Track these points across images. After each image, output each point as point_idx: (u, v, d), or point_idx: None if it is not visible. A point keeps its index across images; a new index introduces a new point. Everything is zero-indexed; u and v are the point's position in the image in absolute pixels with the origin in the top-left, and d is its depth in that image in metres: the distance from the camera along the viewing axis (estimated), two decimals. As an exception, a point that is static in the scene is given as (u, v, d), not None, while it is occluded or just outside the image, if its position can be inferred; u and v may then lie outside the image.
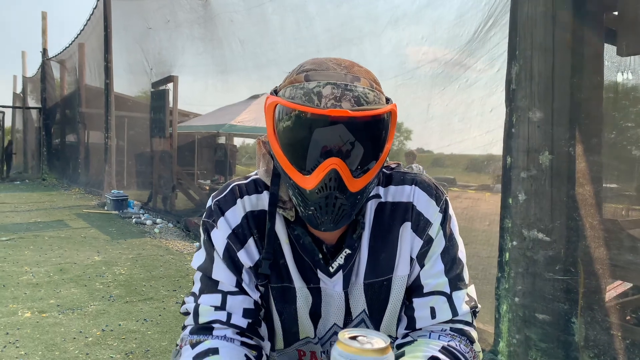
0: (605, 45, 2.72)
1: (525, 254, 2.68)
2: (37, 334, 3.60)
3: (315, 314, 0.98)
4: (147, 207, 10.60)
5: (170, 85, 9.53)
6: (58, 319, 3.93)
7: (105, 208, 10.74)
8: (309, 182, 0.81)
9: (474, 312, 0.96)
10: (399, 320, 1.00)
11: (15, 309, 4.12)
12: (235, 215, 0.96)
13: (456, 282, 0.95)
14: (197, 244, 1.05)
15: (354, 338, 0.63)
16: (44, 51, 19.47)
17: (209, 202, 1.00)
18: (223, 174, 11.16)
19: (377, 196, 0.97)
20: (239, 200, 0.97)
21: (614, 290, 3.03)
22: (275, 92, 0.88)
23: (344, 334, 0.64)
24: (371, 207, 0.97)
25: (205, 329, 0.92)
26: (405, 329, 0.97)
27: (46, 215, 9.77)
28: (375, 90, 0.83)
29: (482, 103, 4.57)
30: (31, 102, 23.93)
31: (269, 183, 0.95)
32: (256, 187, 0.99)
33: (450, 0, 4.44)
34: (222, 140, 12.59)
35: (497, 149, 5.02)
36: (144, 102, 11.65)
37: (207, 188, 10.99)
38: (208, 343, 0.90)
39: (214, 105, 11.24)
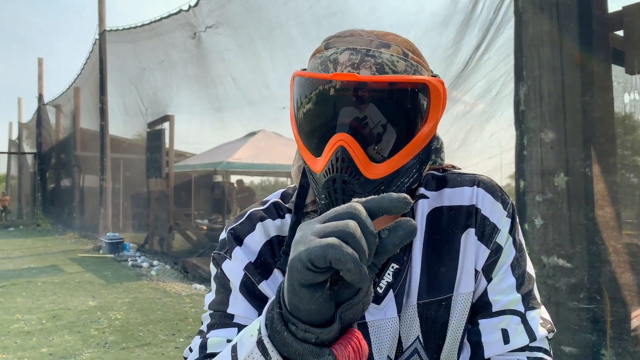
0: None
1: (546, 282, 2.53)
2: (27, 386, 3.38)
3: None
4: (143, 249, 10.38)
5: (166, 125, 9.48)
6: (50, 369, 3.71)
7: (101, 252, 10.51)
8: (319, 163, 0.68)
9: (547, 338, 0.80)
10: (461, 348, 0.81)
11: (5, 359, 3.89)
12: (254, 242, 0.80)
13: (529, 300, 0.80)
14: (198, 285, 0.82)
15: None
16: (40, 97, 19.58)
17: (223, 234, 0.84)
18: (221, 212, 10.98)
19: (423, 196, 0.82)
20: (259, 225, 0.82)
21: (637, 318, 2.87)
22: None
23: None
24: (422, 212, 0.81)
25: (216, 355, 0.73)
26: (470, 359, 0.79)
27: (40, 260, 9.53)
28: (410, 60, 0.70)
29: (481, 128, 4.51)
30: (27, 148, 23.90)
31: (297, 181, 0.82)
32: (277, 211, 0.84)
33: (447, 27, 4.42)
34: (219, 178, 12.48)
35: (499, 176, 4.95)
36: (140, 144, 11.60)
37: (205, 228, 10.79)
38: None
39: (210, 144, 11.20)
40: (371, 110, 0.66)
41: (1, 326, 4.84)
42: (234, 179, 13.16)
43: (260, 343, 0.51)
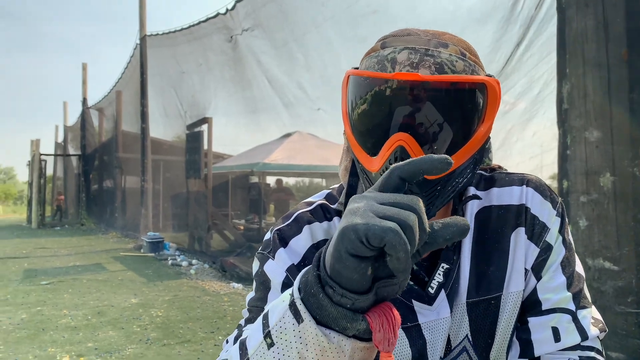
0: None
1: (591, 285, 2.46)
2: (74, 379, 3.51)
3: None
4: (182, 248, 10.62)
5: (204, 127, 9.67)
6: (96, 363, 3.84)
7: (142, 251, 10.80)
8: (375, 163, 0.67)
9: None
10: (509, 346, 0.81)
11: (54, 353, 4.05)
12: (299, 245, 0.80)
13: (580, 298, 0.79)
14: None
15: None
16: (84, 100, 20.30)
17: (267, 235, 0.85)
18: (257, 212, 11.12)
19: (475, 197, 0.81)
20: (305, 228, 0.82)
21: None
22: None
23: None
24: (471, 211, 0.81)
25: None
26: (520, 357, 0.79)
27: (84, 259, 9.88)
28: (467, 59, 0.69)
29: (522, 128, 4.41)
30: (71, 150, 24.83)
31: (345, 180, 0.82)
32: (324, 213, 0.84)
33: (485, 25, 4.35)
34: (255, 179, 12.64)
35: (539, 177, 4.84)
36: (179, 146, 11.87)
37: (242, 228, 10.95)
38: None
39: (246, 145, 11.35)
40: (431, 110, 0.65)
41: (50, 321, 5.05)
42: (269, 179, 13.30)
43: (292, 305, 0.50)
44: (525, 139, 4.56)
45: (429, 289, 0.77)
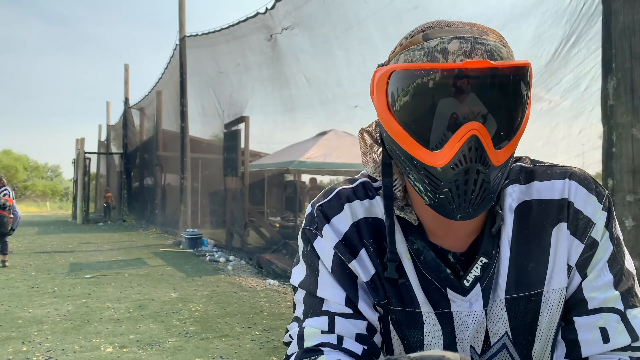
0: None
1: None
2: (118, 369, 3.63)
3: (448, 348, 0.79)
4: (220, 244, 10.80)
5: (241, 126, 9.80)
6: (138, 354, 3.96)
7: (181, 246, 11.06)
8: (441, 156, 0.65)
9: None
10: (554, 345, 0.79)
11: (98, 344, 4.20)
12: (342, 223, 0.81)
13: (629, 297, 0.75)
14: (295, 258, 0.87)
15: None
16: (126, 100, 20.91)
17: (309, 209, 0.86)
18: (293, 210, 11.21)
19: (517, 180, 0.80)
20: (346, 206, 0.82)
21: None
22: (382, 66, 0.74)
23: None
24: (511, 205, 0.80)
25: (313, 351, 0.76)
26: (566, 357, 0.77)
27: (126, 254, 10.19)
28: (507, 46, 0.69)
29: (569, 125, 4.29)
30: (114, 149, 25.62)
31: (379, 178, 0.81)
32: (366, 191, 0.84)
33: (527, 19, 4.25)
34: (290, 177, 12.75)
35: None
36: (217, 144, 12.08)
37: (277, 225, 11.05)
38: (323, 358, 0.74)
39: (282, 144, 11.44)
40: (496, 96, 0.64)
41: (94, 313, 5.24)
42: (304, 177, 13.37)
43: None
44: (572, 136, 4.44)
45: (464, 281, 0.77)
